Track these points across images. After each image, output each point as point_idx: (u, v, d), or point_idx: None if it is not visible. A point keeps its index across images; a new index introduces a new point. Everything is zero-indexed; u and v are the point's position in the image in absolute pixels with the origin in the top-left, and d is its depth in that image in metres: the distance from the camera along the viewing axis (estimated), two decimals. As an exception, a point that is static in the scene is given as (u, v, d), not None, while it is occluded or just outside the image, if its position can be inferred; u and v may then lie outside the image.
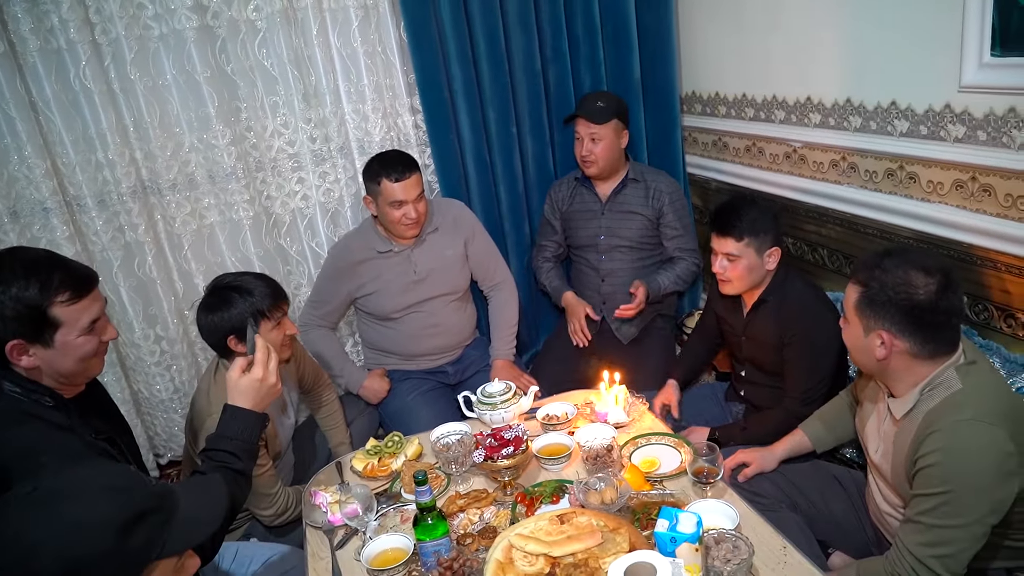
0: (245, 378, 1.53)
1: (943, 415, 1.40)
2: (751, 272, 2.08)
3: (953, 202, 1.98)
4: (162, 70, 2.53)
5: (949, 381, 1.43)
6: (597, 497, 1.62)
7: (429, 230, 2.56)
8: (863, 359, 1.54)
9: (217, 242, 2.78)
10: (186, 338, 2.82)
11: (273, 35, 2.59)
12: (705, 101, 3.00)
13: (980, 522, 1.35)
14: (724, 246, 2.07)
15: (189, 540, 1.07)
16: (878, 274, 1.45)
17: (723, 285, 2.15)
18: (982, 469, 1.34)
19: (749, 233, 2.04)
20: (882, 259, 1.46)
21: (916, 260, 1.44)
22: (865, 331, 1.48)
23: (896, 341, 1.44)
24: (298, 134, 2.74)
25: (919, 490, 1.42)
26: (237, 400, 1.52)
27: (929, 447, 1.39)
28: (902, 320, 1.42)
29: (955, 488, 1.35)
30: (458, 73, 2.72)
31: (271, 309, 1.91)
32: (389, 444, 2.01)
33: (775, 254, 2.08)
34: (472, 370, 2.69)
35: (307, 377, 2.30)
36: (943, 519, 1.37)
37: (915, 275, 1.41)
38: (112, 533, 0.96)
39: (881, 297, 1.43)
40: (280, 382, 1.58)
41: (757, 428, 2.14)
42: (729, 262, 2.08)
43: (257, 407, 1.54)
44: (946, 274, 1.42)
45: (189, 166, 2.66)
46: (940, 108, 1.95)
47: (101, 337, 1.51)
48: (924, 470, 1.40)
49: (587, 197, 2.76)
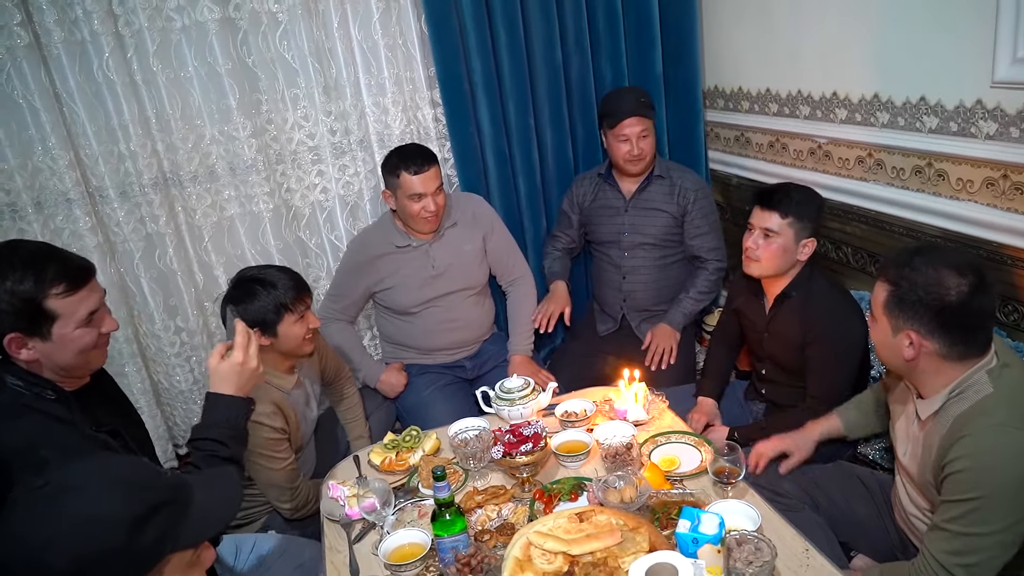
0: (224, 363, 1.51)
1: (973, 420, 1.37)
2: (784, 254, 2.04)
3: (983, 200, 1.94)
4: (184, 62, 2.54)
5: (979, 384, 1.40)
6: (616, 495, 1.60)
7: (448, 224, 2.55)
8: (891, 358, 1.50)
9: (237, 234, 2.79)
10: (206, 329, 2.83)
11: (294, 27, 2.59)
12: (728, 96, 2.96)
13: (1009, 530, 1.32)
14: (766, 220, 2.03)
15: (204, 532, 1.06)
16: (908, 273, 1.41)
17: (749, 264, 2.10)
18: (1012, 476, 1.31)
19: (795, 213, 2.01)
20: (912, 257, 1.43)
21: (948, 259, 1.40)
22: (893, 331, 1.45)
23: (925, 342, 1.41)
24: (318, 127, 2.74)
25: (947, 496, 1.39)
26: (218, 386, 1.50)
27: (958, 452, 1.35)
28: (932, 321, 1.39)
29: (984, 495, 1.32)
30: (478, 66, 2.71)
31: (294, 302, 1.91)
32: (407, 438, 2.01)
33: (810, 245, 2.05)
34: (490, 365, 2.68)
35: (329, 370, 2.30)
36: (971, 527, 1.34)
37: (947, 275, 1.37)
38: (124, 528, 0.95)
39: (911, 297, 1.40)
40: (261, 365, 1.55)
41: (779, 428, 2.10)
42: (765, 239, 2.04)
43: (240, 392, 1.51)
44: (979, 274, 1.38)
45: (210, 158, 2.67)
46: (971, 104, 1.91)
47: (100, 329, 1.49)
48: (952, 476, 1.37)
49: (610, 194, 2.73)
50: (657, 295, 2.75)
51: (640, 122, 2.54)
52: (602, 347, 2.82)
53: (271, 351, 1.95)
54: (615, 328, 2.82)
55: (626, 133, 2.55)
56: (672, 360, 2.63)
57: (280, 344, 1.93)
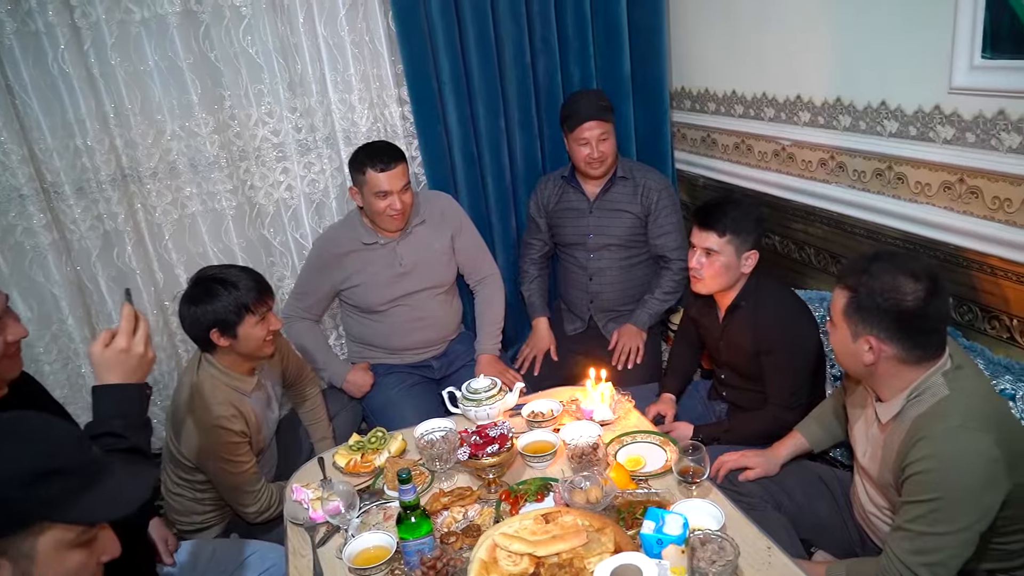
0: (108, 350, 1.37)
1: (931, 422, 1.40)
2: (727, 271, 2.07)
3: (941, 203, 1.98)
4: (144, 55, 2.48)
5: (936, 387, 1.43)
6: (582, 496, 1.60)
7: (416, 222, 2.53)
8: (850, 364, 1.53)
9: (199, 232, 2.73)
10: (166, 329, 2.77)
11: (258, 22, 2.55)
12: (695, 97, 2.99)
13: (969, 529, 1.35)
14: (705, 240, 2.05)
15: (99, 515, 1.04)
16: (866, 279, 1.43)
17: (695, 283, 2.13)
18: (971, 476, 1.34)
19: (732, 230, 2.03)
20: (870, 263, 1.45)
21: (904, 265, 1.43)
22: (853, 336, 1.47)
23: (884, 346, 1.43)
24: (283, 123, 2.69)
25: (908, 497, 1.41)
26: (105, 376, 1.38)
27: (918, 454, 1.38)
28: (890, 326, 1.41)
29: (944, 496, 1.34)
30: (446, 64, 2.69)
31: (256, 303, 1.88)
32: (372, 440, 1.98)
33: (753, 257, 2.07)
34: (457, 364, 2.67)
35: (290, 371, 2.27)
36: (932, 526, 1.36)
37: (903, 281, 1.40)
38: (8, 482, 0.95)
39: (869, 303, 1.42)
40: (152, 351, 1.44)
41: (741, 429, 2.14)
42: (706, 257, 2.06)
43: (129, 379, 1.39)
44: (933, 279, 1.41)
45: (171, 154, 2.61)
46: (930, 109, 1.95)
47: (6, 337, 1.41)
48: (913, 477, 1.39)
49: (574, 196, 2.73)
50: (623, 295, 2.76)
51: (599, 125, 2.54)
52: (569, 347, 2.83)
53: (230, 352, 1.92)
54: (583, 328, 2.83)
55: (585, 136, 2.56)
56: (638, 360, 2.65)
57: (240, 346, 1.90)
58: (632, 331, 2.69)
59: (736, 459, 1.92)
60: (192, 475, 2.01)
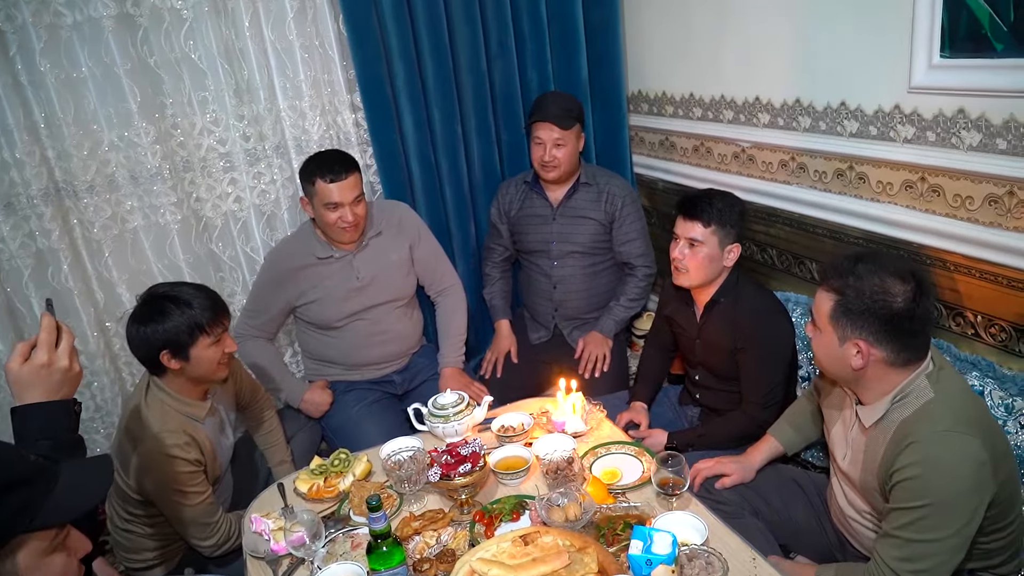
0: (27, 366, 1.24)
1: (918, 426, 1.38)
2: (710, 263, 2.04)
3: (903, 202, 2.00)
4: (76, 62, 2.32)
5: (921, 389, 1.41)
6: (560, 514, 1.54)
7: (372, 234, 2.43)
8: (836, 368, 1.50)
9: (141, 248, 2.58)
10: (108, 352, 2.60)
11: (200, 25, 2.42)
12: (652, 100, 2.97)
13: (959, 534, 1.33)
14: (689, 230, 2.02)
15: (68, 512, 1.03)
16: (853, 281, 1.41)
17: (677, 275, 2.09)
18: (960, 481, 1.32)
19: (717, 221, 2.00)
20: (855, 265, 1.42)
21: (890, 265, 1.41)
22: (840, 340, 1.44)
23: (873, 350, 1.41)
24: (230, 132, 2.57)
25: (897, 504, 1.39)
26: (25, 395, 1.24)
27: (906, 460, 1.36)
28: (880, 329, 1.39)
29: (933, 501, 1.32)
30: (401, 69, 2.60)
31: (211, 323, 1.76)
32: (335, 462, 1.89)
33: (735, 251, 2.05)
34: (420, 379, 2.58)
35: (244, 393, 2.15)
36: (922, 533, 1.34)
37: (891, 282, 1.38)
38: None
39: (858, 306, 1.40)
40: (79, 365, 1.31)
41: (716, 433, 2.11)
42: (690, 249, 2.03)
43: (53, 396, 1.25)
44: (920, 279, 1.39)
45: (109, 166, 2.45)
46: (890, 109, 1.96)
47: None
48: (902, 483, 1.37)
49: (537, 202, 2.68)
50: (588, 303, 2.72)
51: (555, 130, 2.50)
52: (535, 356, 2.77)
53: (181, 376, 1.80)
54: (547, 337, 2.77)
55: (540, 136, 2.52)
56: (605, 368, 2.61)
57: (192, 369, 1.78)
58: (598, 339, 2.64)
59: (712, 466, 1.89)
60: (142, 509, 1.88)
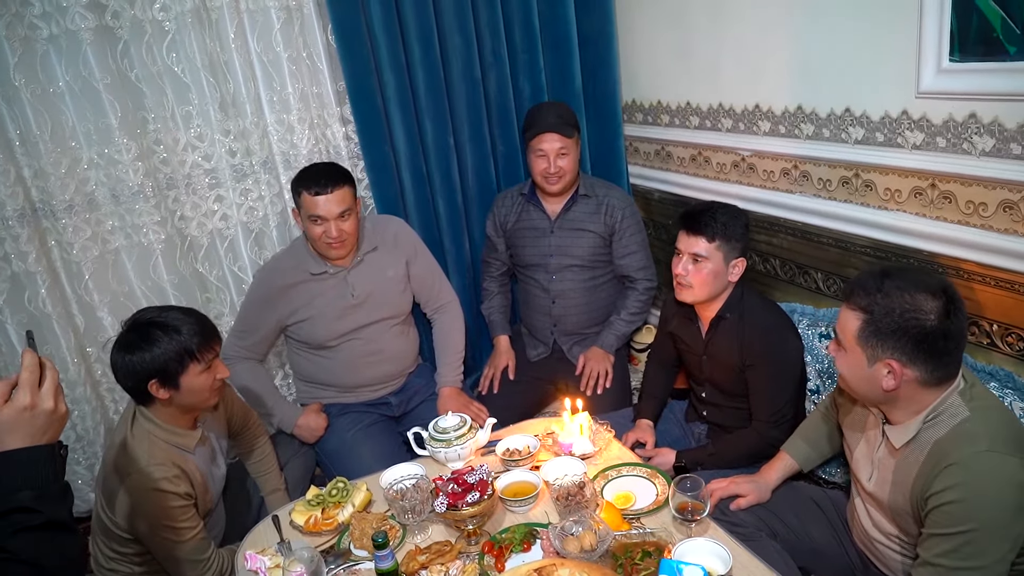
0: (8, 409, 1.15)
1: (956, 447, 1.31)
2: (715, 279, 1.98)
3: (912, 210, 1.95)
4: (53, 76, 2.23)
5: (954, 407, 1.35)
6: (575, 544, 1.47)
7: (367, 249, 2.35)
8: (864, 389, 1.43)
9: (124, 269, 2.48)
10: (90, 379, 2.49)
11: (184, 37, 2.34)
12: (647, 110, 2.92)
13: (1004, 560, 1.27)
14: (693, 245, 1.96)
15: None
16: (881, 299, 1.34)
17: (681, 291, 2.03)
18: (1005, 503, 1.25)
19: (721, 236, 1.94)
20: (882, 281, 1.36)
21: (919, 281, 1.35)
22: (869, 361, 1.37)
23: (906, 370, 1.34)
24: (215, 147, 2.48)
25: (936, 529, 1.31)
26: (5, 441, 1.14)
27: (946, 482, 1.29)
28: (913, 348, 1.32)
29: (977, 527, 1.26)
30: (391, 80, 2.54)
31: (201, 349, 1.67)
32: (333, 492, 1.79)
33: (740, 265, 2.00)
34: (417, 400, 2.49)
35: (236, 419, 2.05)
36: (965, 560, 1.27)
37: (922, 299, 1.32)
38: None
39: (888, 325, 1.33)
40: (65, 405, 1.21)
41: (726, 452, 2.04)
42: (694, 264, 1.97)
43: (37, 440, 1.16)
44: (951, 294, 1.33)
45: (88, 184, 2.36)
46: (897, 115, 1.92)
47: None
48: (941, 508, 1.30)
49: (535, 214, 2.61)
50: (588, 318, 2.65)
51: (559, 139, 2.44)
52: (533, 373, 2.69)
53: (169, 406, 1.70)
54: (546, 353, 2.70)
55: (543, 148, 2.45)
56: (607, 384, 2.53)
57: (181, 398, 1.68)
58: (599, 354, 2.57)
59: (726, 486, 1.81)
60: (128, 547, 1.77)
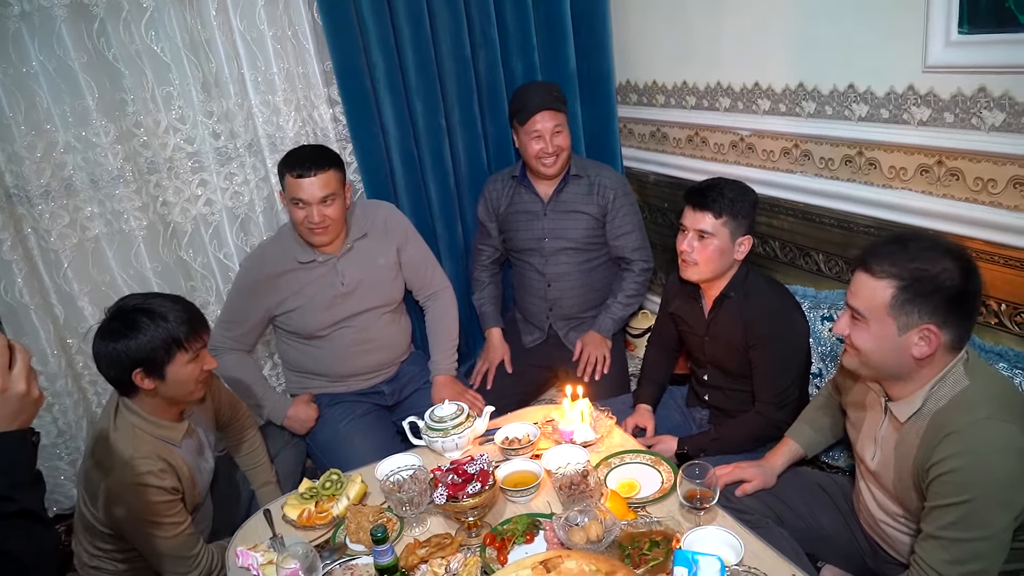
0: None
1: (956, 415, 1.29)
2: (721, 256, 1.93)
3: (918, 188, 1.91)
4: (26, 56, 2.13)
5: (956, 377, 1.33)
6: (581, 534, 1.42)
7: (357, 236, 2.28)
8: (892, 361, 1.37)
9: (104, 257, 2.39)
10: (71, 371, 2.41)
11: (163, 15, 2.24)
12: (641, 90, 2.86)
13: (1006, 530, 1.25)
14: (699, 222, 1.91)
15: None
16: (911, 264, 1.30)
17: (686, 269, 1.98)
18: (1004, 471, 1.23)
19: (728, 212, 1.89)
20: (906, 246, 1.32)
21: (936, 243, 1.33)
22: (901, 330, 1.32)
23: (942, 333, 1.30)
24: (198, 129, 2.39)
25: (937, 501, 1.29)
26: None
27: (946, 451, 1.26)
28: (947, 310, 1.29)
29: (978, 495, 1.23)
30: (380, 60, 2.45)
31: (189, 338, 1.60)
32: (327, 485, 1.73)
33: (746, 243, 1.94)
34: (410, 388, 2.43)
35: (223, 411, 1.97)
36: (968, 531, 1.25)
37: (946, 260, 1.29)
38: None
39: (924, 288, 1.29)
40: (38, 389, 1.14)
41: (730, 437, 2.00)
42: (699, 241, 1.92)
43: (9, 426, 1.11)
44: (965, 254, 1.32)
45: (65, 169, 2.26)
46: (903, 90, 1.87)
47: None
48: (942, 477, 1.27)
49: (527, 197, 2.54)
50: (584, 301, 2.59)
51: (553, 116, 2.38)
52: (529, 359, 2.64)
53: (154, 396, 1.63)
54: (542, 339, 2.64)
55: (538, 129, 2.38)
56: (605, 369, 2.48)
57: (167, 388, 1.61)
58: (596, 339, 2.52)
59: (731, 472, 1.77)
60: (112, 544, 1.71)
